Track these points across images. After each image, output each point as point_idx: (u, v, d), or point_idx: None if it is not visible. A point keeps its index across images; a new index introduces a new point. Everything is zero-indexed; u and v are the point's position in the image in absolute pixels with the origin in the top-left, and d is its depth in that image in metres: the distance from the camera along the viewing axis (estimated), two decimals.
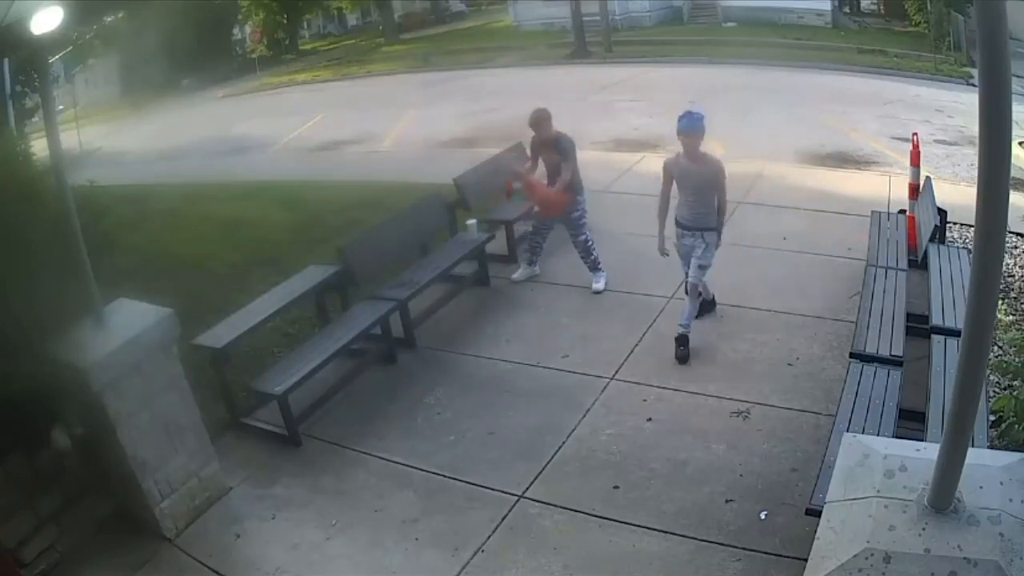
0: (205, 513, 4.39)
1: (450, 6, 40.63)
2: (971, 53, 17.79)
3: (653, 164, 10.24)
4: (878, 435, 3.49)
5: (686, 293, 5.43)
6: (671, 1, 27.67)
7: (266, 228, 8.61)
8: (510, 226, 7.30)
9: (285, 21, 33.83)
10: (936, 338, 4.47)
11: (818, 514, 2.67)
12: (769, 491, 4.00)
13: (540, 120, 6.34)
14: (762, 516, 3.84)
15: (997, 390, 4.56)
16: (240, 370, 5.42)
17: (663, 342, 5.54)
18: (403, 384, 5.47)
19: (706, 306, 5.72)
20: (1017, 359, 4.86)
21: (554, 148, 6.32)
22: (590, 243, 6.45)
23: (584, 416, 4.82)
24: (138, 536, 4.21)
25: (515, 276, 6.87)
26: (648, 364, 5.31)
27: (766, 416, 4.61)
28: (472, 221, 7.08)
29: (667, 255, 5.51)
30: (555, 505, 4.12)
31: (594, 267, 6.50)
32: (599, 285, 6.45)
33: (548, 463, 4.45)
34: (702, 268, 5.27)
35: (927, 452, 2.46)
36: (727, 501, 3.98)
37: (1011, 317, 5.65)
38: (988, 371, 4.17)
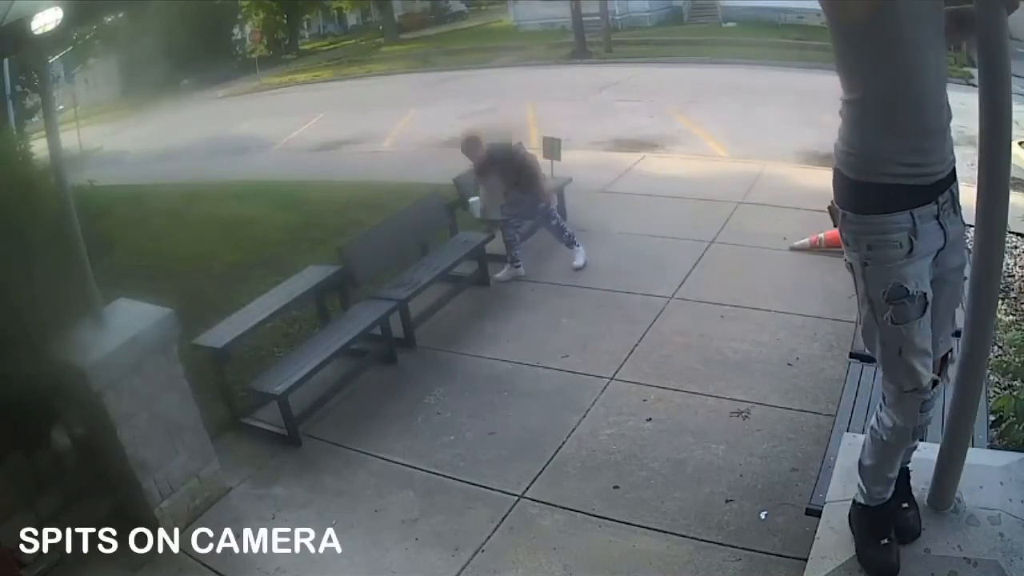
0: (205, 513, 4.38)
1: (450, 6, 40.57)
2: (971, 53, 17.76)
3: (653, 164, 10.31)
4: None
5: None
6: (671, 1, 27.63)
7: (266, 228, 8.60)
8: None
9: (285, 21, 33.84)
10: None
11: (818, 514, 2.68)
12: (769, 491, 3.99)
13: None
14: (762, 516, 3.83)
15: (997, 390, 4.55)
16: (240, 370, 5.42)
17: (663, 342, 5.54)
18: (403, 384, 5.47)
19: None
20: (1017, 359, 4.86)
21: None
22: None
23: (584, 416, 4.82)
24: (138, 536, 4.20)
25: (499, 276, 6.87)
26: (648, 364, 5.30)
27: (766, 416, 4.61)
28: (475, 199, 7.08)
29: None
30: (555, 505, 4.11)
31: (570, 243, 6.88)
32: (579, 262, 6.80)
33: (548, 463, 4.45)
34: None
35: (927, 452, 2.46)
36: (727, 501, 3.97)
37: (1011, 317, 5.64)
38: (988, 371, 4.18)
